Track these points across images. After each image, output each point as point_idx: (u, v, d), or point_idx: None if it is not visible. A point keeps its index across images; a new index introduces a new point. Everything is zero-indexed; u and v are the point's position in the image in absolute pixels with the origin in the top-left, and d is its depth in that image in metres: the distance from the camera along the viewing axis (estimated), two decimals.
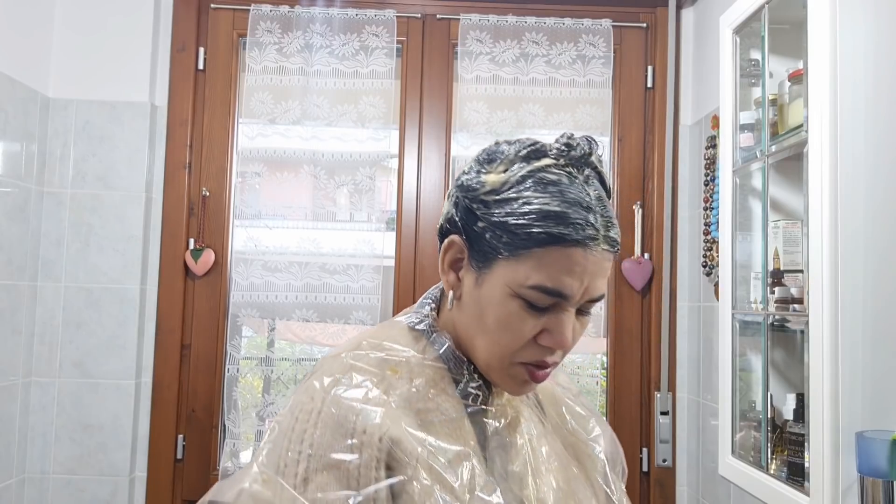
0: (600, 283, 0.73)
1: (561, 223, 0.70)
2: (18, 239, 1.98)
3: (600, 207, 0.72)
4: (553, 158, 0.74)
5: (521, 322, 0.72)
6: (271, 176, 2.23)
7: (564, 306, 0.72)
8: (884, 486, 1.16)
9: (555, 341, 0.72)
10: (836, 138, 1.26)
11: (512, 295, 0.71)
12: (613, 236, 0.73)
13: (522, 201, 0.71)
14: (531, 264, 0.70)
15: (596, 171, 0.75)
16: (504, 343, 0.73)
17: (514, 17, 2.21)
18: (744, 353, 1.67)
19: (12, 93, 1.94)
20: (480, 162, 0.77)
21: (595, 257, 0.71)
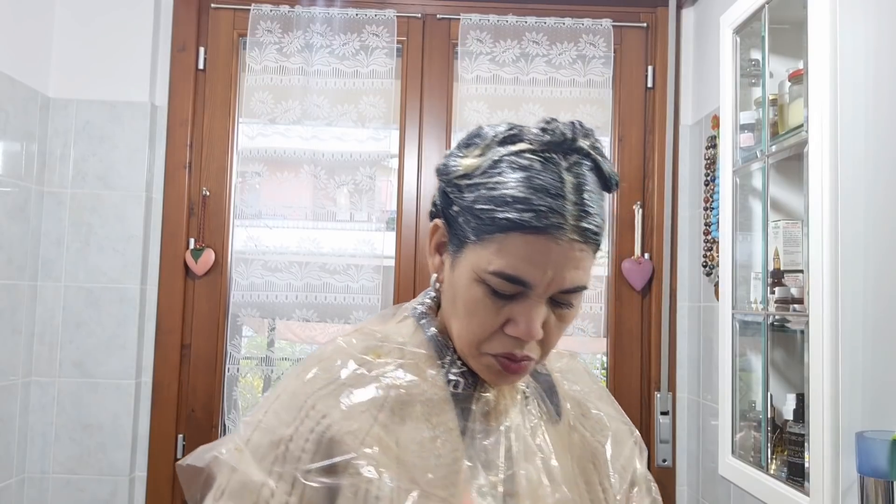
0: (572, 274, 0.69)
1: (523, 209, 0.67)
2: (18, 239, 1.98)
3: (575, 195, 0.69)
4: (529, 143, 0.71)
5: (486, 309, 0.71)
6: (271, 176, 2.23)
7: (531, 296, 0.70)
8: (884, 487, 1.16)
9: (520, 331, 0.70)
10: (836, 138, 1.26)
11: (477, 280, 0.70)
12: (586, 227, 0.69)
13: (490, 186, 0.70)
14: (494, 249, 0.69)
15: (590, 157, 0.72)
16: (471, 330, 0.72)
17: (514, 17, 2.22)
18: (744, 353, 1.67)
19: (12, 92, 1.94)
20: (460, 146, 0.76)
21: (561, 247, 0.68)
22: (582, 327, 2.18)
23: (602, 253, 2.25)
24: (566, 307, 0.73)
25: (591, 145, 0.73)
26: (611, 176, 0.74)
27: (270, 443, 0.69)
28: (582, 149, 0.72)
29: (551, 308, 0.72)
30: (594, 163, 0.73)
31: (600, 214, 0.71)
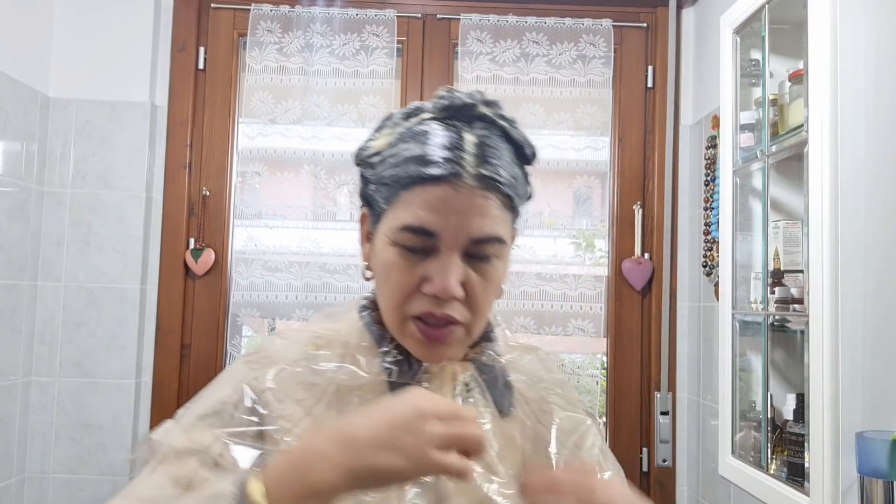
0: (478, 221, 0.69)
1: (421, 163, 0.69)
2: (19, 238, 1.98)
3: (473, 148, 0.70)
4: (431, 112, 0.73)
5: (400, 270, 0.71)
6: (271, 176, 2.23)
7: (442, 249, 0.69)
8: (884, 487, 1.16)
9: (435, 287, 0.69)
10: (836, 138, 1.26)
11: (389, 244, 0.71)
12: (486, 173, 0.69)
13: (395, 154, 0.72)
14: (400, 208, 0.70)
15: (496, 125, 0.74)
16: (391, 295, 0.72)
17: (514, 17, 2.21)
18: (744, 353, 1.67)
19: (13, 92, 1.94)
20: (373, 131, 0.78)
21: (462, 194, 0.68)
22: (582, 327, 2.18)
23: (602, 253, 2.25)
24: (485, 262, 0.71)
25: (496, 113, 0.74)
26: (522, 142, 0.75)
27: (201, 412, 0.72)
28: (486, 116, 0.73)
29: (470, 264, 0.71)
30: (502, 129, 0.74)
31: (505, 167, 0.71)
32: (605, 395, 2.24)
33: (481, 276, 0.71)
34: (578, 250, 2.25)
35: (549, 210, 2.25)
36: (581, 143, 2.23)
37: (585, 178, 2.25)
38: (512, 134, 0.74)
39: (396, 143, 0.73)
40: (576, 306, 2.19)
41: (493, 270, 0.72)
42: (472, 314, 0.72)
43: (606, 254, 2.24)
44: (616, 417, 2.20)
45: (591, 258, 2.25)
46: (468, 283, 0.71)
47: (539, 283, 2.19)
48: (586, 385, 2.25)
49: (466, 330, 0.73)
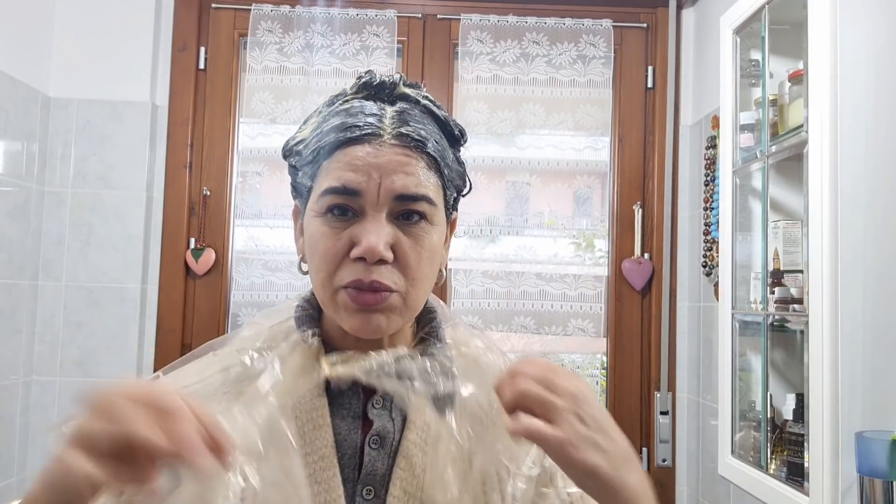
0: (402, 178, 0.67)
1: (340, 129, 0.69)
2: (19, 238, 1.98)
3: (396, 114, 0.70)
4: (351, 93, 0.73)
5: (327, 238, 0.68)
6: (272, 175, 2.23)
7: (367, 211, 0.67)
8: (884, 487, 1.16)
9: (362, 248, 0.66)
10: (836, 138, 1.26)
11: (315, 216, 0.70)
12: (405, 132, 0.68)
13: (319, 136, 0.71)
14: (322, 176, 0.69)
15: (419, 105, 0.72)
16: (319, 267, 0.69)
17: (514, 17, 2.22)
18: (744, 353, 1.67)
19: (13, 92, 1.94)
20: (300, 124, 0.77)
21: (383, 152, 0.67)
22: (582, 327, 2.18)
23: (602, 253, 2.25)
24: (414, 224, 0.69)
25: (419, 93, 0.73)
26: (447, 120, 0.74)
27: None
28: (408, 96, 0.72)
29: (399, 227, 0.68)
30: (426, 108, 0.73)
31: (428, 132, 0.70)
32: (605, 395, 2.24)
33: (411, 239, 0.68)
34: (578, 250, 2.26)
35: (549, 210, 2.25)
36: (581, 143, 2.23)
37: (585, 178, 2.25)
38: (436, 112, 0.73)
39: (319, 126, 0.72)
40: (576, 306, 2.19)
41: (425, 234, 0.69)
42: (407, 280, 0.68)
43: (606, 254, 2.24)
44: (616, 417, 2.17)
45: (591, 258, 2.25)
46: (398, 245, 0.68)
47: (539, 283, 2.19)
48: None
49: (401, 298, 0.69)
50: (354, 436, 0.71)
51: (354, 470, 0.70)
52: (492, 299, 2.18)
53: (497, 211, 2.23)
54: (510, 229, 2.23)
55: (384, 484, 0.70)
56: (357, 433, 0.71)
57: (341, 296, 0.68)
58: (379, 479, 0.70)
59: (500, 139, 2.23)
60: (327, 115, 0.73)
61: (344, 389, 0.71)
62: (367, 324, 0.68)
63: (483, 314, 2.17)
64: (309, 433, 0.69)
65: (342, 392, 0.71)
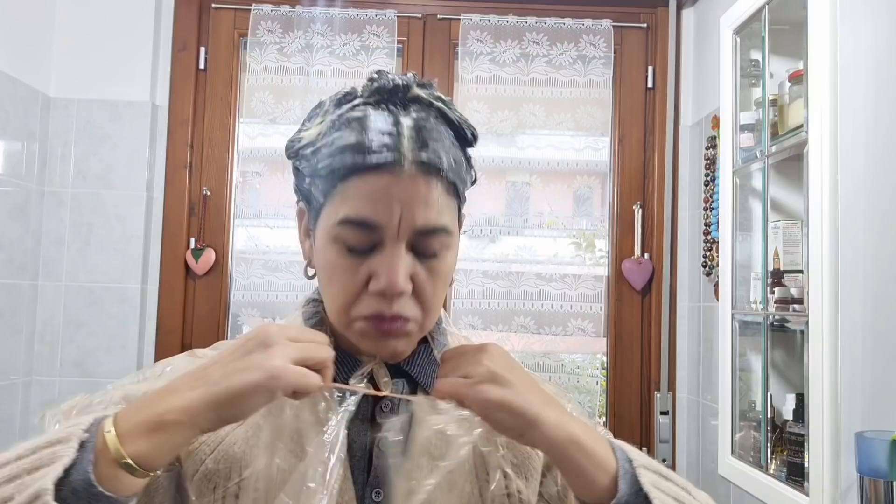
0: (422, 211, 0.64)
1: (357, 151, 0.64)
2: (19, 238, 1.98)
3: (411, 132, 0.65)
4: (362, 97, 0.69)
5: (344, 270, 0.66)
6: (272, 175, 2.23)
7: (386, 243, 0.65)
8: (883, 487, 1.16)
9: (381, 285, 0.64)
10: (836, 138, 1.26)
11: (331, 241, 0.67)
12: (426, 159, 0.64)
13: (329, 143, 0.67)
14: (338, 201, 0.65)
15: (433, 108, 0.69)
16: (336, 297, 0.68)
17: (514, 17, 2.22)
18: (744, 353, 1.67)
19: (13, 92, 1.94)
20: (304, 121, 0.74)
21: (403, 182, 0.63)
22: (582, 327, 2.18)
23: (602, 253, 2.25)
24: (431, 256, 0.67)
25: (432, 94, 0.69)
26: (461, 124, 0.70)
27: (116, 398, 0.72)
28: (421, 98, 0.68)
29: (417, 258, 0.67)
30: (439, 111, 0.69)
31: (446, 150, 0.67)
32: (604, 395, 2.24)
33: (429, 271, 0.67)
34: (578, 250, 2.26)
35: (549, 210, 2.25)
36: (581, 144, 2.23)
37: (585, 178, 2.25)
38: (450, 116, 0.70)
39: (329, 132, 0.68)
40: (576, 306, 2.19)
41: (442, 264, 0.68)
42: (423, 310, 0.68)
43: (606, 254, 2.24)
44: (616, 417, 2.20)
45: (591, 258, 2.25)
46: (416, 277, 0.67)
47: (539, 283, 2.19)
48: (586, 385, 2.25)
49: (418, 325, 0.69)
50: (364, 438, 0.71)
51: (363, 472, 0.71)
52: (492, 299, 2.18)
53: (497, 211, 2.23)
54: (510, 229, 2.23)
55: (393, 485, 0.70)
56: (366, 435, 0.71)
57: (359, 324, 0.68)
58: (388, 481, 0.70)
59: (500, 139, 2.23)
60: (336, 120, 0.68)
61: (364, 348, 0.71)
62: (385, 349, 0.69)
63: (483, 314, 2.17)
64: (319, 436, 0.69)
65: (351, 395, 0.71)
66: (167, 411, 0.58)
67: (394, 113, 0.66)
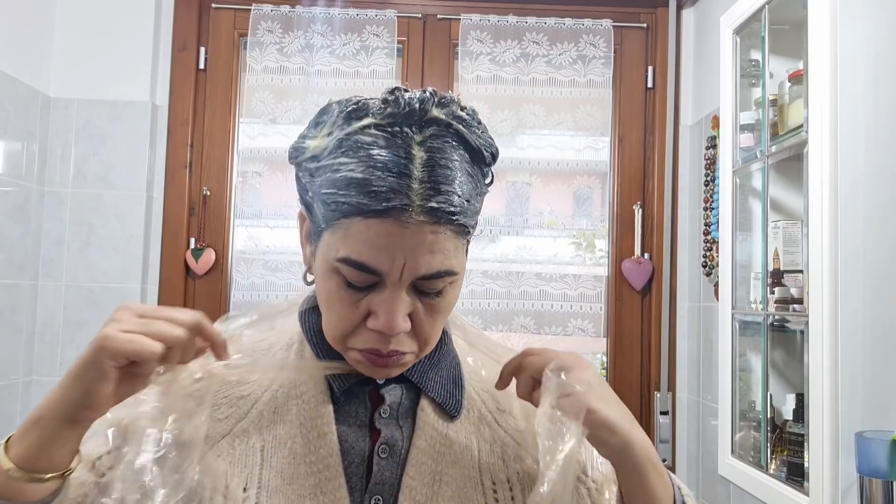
0: (427, 258, 0.61)
1: (362, 192, 0.60)
2: (19, 238, 1.98)
3: (423, 173, 0.60)
4: (374, 117, 0.63)
5: (343, 302, 0.64)
6: (272, 175, 2.23)
7: (387, 285, 0.63)
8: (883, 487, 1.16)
9: (380, 325, 0.63)
10: (836, 138, 1.26)
11: (330, 270, 0.64)
12: (435, 206, 0.60)
13: (335, 168, 0.63)
14: (340, 236, 0.62)
15: (451, 129, 0.64)
16: (333, 324, 0.66)
17: (514, 17, 2.22)
18: (744, 353, 1.67)
19: (13, 92, 1.94)
20: (310, 125, 0.69)
21: (410, 230, 0.60)
22: (582, 327, 2.18)
23: (602, 253, 2.25)
24: (433, 296, 0.65)
25: (451, 114, 0.64)
26: (480, 147, 0.66)
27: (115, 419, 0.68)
28: (439, 119, 0.63)
29: (417, 297, 0.65)
30: (457, 134, 0.64)
31: (459, 191, 0.62)
32: None
33: (429, 308, 0.65)
34: (578, 250, 2.26)
35: (549, 210, 2.25)
36: (581, 143, 2.23)
37: (585, 178, 2.25)
38: (468, 138, 0.65)
39: (335, 152, 0.63)
40: (576, 306, 2.19)
41: (443, 300, 0.66)
42: (420, 344, 0.67)
43: (606, 254, 2.24)
44: None
45: (591, 258, 2.25)
46: (415, 314, 0.65)
47: (539, 283, 2.19)
48: None
49: (414, 356, 0.68)
50: (362, 444, 0.70)
51: (362, 479, 0.69)
52: (492, 299, 2.18)
53: (497, 211, 2.23)
54: (510, 229, 2.23)
55: (393, 493, 0.69)
56: (365, 441, 0.70)
57: (355, 354, 0.67)
58: (388, 489, 0.69)
59: (500, 139, 2.22)
60: (343, 140, 0.63)
61: (350, 398, 0.71)
62: (379, 374, 0.69)
63: (483, 314, 2.17)
64: (313, 441, 0.68)
65: (348, 400, 0.71)
66: (36, 410, 0.61)
67: (406, 141, 0.62)
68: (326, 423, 0.69)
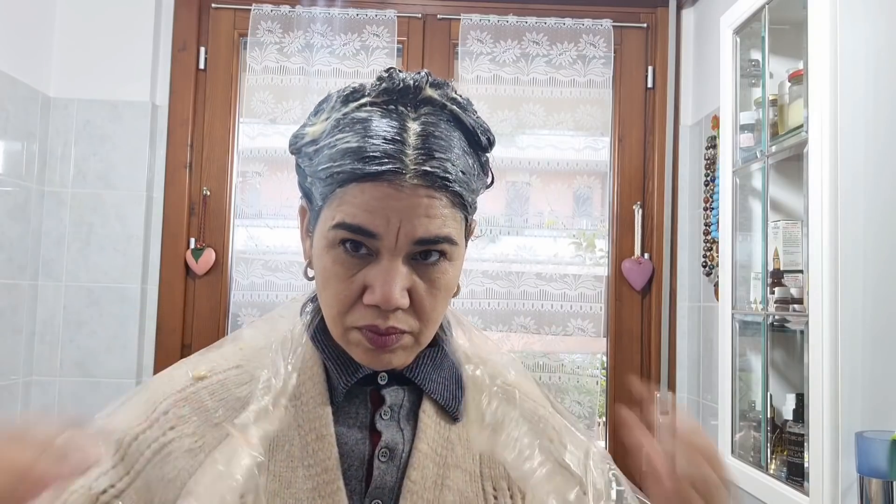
0: (423, 223, 0.61)
1: (356, 158, 0.61)
2: (19, 238, 1.98)
3: (418, 140, 0.61)
4: (370, 97, 0.64)
5: (339, 277, 0.63)
6: (272, 175, 2.23)
7: (383, 253, 0.62)
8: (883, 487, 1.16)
9: (376, 298, 0.62)
10: (836, 138, 1.26)
11: (327, 245, 0.64)
12: (430, 169, 0.61)
13: (332, 145, 0.63)
14: (336, 204, 0.62)
15: (446, 110, 0.65)
16: (331, 304, 0.65)
17: (514, 17, 2.22)
18: (744, 353, 1.67)
19: (13, 92, 1.94)
20: (310, 115, 0.70)
21: (404, 193, 0.60)
22: (582, 327, 2.18)
23: (602, 253, 2.25)
24: (432, 266, 0.64)
25: (445, 95, 0.65)
26: (475, 129, 0.66)
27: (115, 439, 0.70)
28: (434, 99, 0.64)
29: (416, 269, 0.64)
30: (452, 114, 0.65)
31: (455, 161, 0.63)
32: (604, 395, 2.24)
33: (428, 282, 0.64)
34: (578, 250, 2.26)
35: (549, 210, 2.25)
36: (581, 143, 2.23)
37: (585, 178, 2.25)
38: (463, 119, 0.65)
39: (332, 132, 0.64)
40: (576, 306, 2.19)
41: (442, 275, 0.65)
42: (421, 323, 0.65)
43: (606, 254, 2.24)
44: (616, 417, 2.20)
45: (591, 258, 2.25)
46: (414, 290, 0.64)
47: (539, 283, 2.19)
48: (586, 385, 2.25)
49: (414, 338, 0.66)
50: (362, 447, 0.68)
51: (361, 482, 0.68)
52: (492, 299, 2.18)
53: (497, 211, 2.23)
54: (510, 229, 2.23)
55: (394, 497, 0.67)
56: (365, 444, 0.68)
57: (354, 334, 0.65)
58: (388, 493, 0.68)
59: (500, 139, 2.19)
60: (340, 119, 0.65)
61: (350, 399, 0.69)
62: (378, 361, 0.66)
63: (483, 314, 2.17)
64: (312, 443, 0.67)
65: (348, 401, 0.69)
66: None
67: (401, 117, 0.63)
68: (325, 425, 0.67)
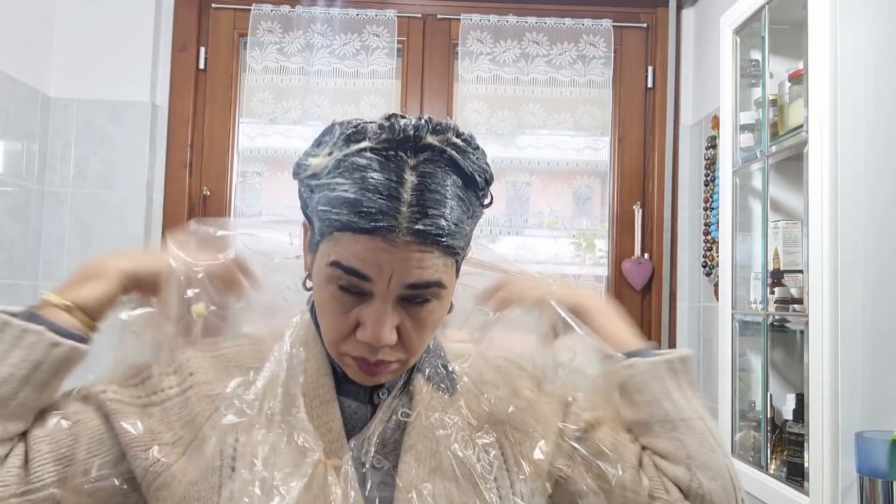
0: (416, 272, 0.65)
1: (353, 211, 0.64)
2: (19, 238, 1.98)
3: (413, 196, 0.64)
4: (371, 141, 0.67)
5: (335, 311, 0.69)
6: (272, 176, 2.23)
7: (376, 294, 0.66)
8: (883, 487, 1.16)
9: (367, 336, 0.67)
10: (836, 138, 1.26)
11: (325, 280, 0.68)
12: (422, 228, 0.64)
13: (331, 187, 0.67)
14: (332, 244, 0.67)
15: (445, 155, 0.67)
16: (327, 331, 0.71)
17: (514, 17, 2.22)
18: (744, 353, 1.67)
19: (13, 92, 1.94)
20: (313, 144, 0.73)
21: (397, 248, 0.64)
22: None
23: (602, 253, 2.25)
24: (419, 305, 0.68)
25: (445, 140, 0.67)
26: (473, 173, 0.69)
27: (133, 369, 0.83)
28: (433, 146, 0.66)
29: (405, 308, 0.68)
30: (450, 159, 0.67)
31: (448, 215, 0.66)
32: None
33: (417, 321, 0.69)
34: (578, 250, 2.26)
35: (549, 210, 2.25)
36: (581, 143, 2.23)
37: (585, 178, 2.25)
38: (461, 164, 0.68)
39: (332, 171, 0.67)
40: None
41: (430, 314, 0.69)
42: (408, 354, 0.71)
43: (606, 254, 2.24)
44: None
45: (591, 258, 2.25)
46: (402, 327, 0.68)
47: None
48: None
49: (402, 364, 0.72)
50: (364, 411, 0.74)
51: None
52: None
53: (497, 211, 2.23)
54: (510, 229, 2.23)
55: (396, 451, 0.73)
56: (366, 410, 0.75)
57: (347, 359, 0.71)
58: (390, 447, 0.73)
59: (500, 139, 2.23)
60: (341, 160, 0.67)
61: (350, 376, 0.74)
62: (368, 381, 0.73)
63: None
64: (317, 408, 0.73)
65: (348, 379, 0.74)
66: (99, 266, 0.83)
67: (399, 166, 0.65)
68: (328, 391, 0.73)
